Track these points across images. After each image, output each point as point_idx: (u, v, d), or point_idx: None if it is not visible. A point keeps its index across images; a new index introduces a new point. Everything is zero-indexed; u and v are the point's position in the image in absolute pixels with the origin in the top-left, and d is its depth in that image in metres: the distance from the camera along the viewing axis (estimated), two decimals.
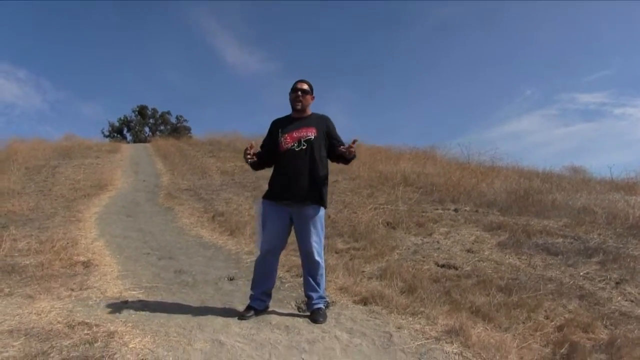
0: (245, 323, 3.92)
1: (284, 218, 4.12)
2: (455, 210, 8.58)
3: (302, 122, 4.22)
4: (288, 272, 5.84)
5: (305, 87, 4.23)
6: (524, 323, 4.25)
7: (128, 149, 22.59)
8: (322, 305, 4.20)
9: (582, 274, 5.52)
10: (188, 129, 40.25)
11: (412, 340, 3.78)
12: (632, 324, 4.26)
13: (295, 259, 6.00)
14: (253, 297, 4.18)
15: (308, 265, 4.20)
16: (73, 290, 4.79)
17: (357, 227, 7.74)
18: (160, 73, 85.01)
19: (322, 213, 4.19)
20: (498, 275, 5.48)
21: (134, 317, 3.96)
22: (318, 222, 4.14)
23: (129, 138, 38.62)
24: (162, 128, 40.92)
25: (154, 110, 41.48)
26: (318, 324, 4.01)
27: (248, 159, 4.13)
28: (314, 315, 4.12)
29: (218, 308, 4.43)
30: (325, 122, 4.30)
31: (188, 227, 8.88)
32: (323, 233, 4.23)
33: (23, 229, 7.66)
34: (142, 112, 40.89)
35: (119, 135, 38.67)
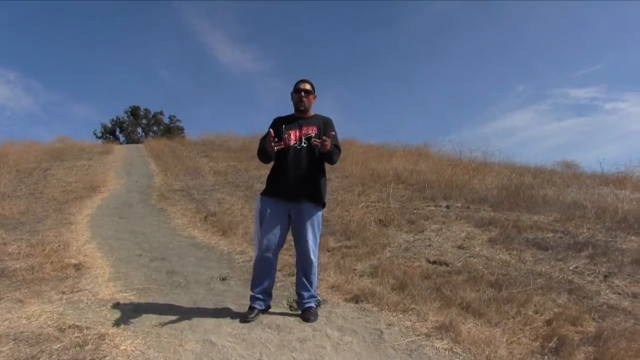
0: (237, 323, 3.93)
1: (283, 214, 4.14)
2: (447, 207, 8.61)
3: (305, 121, 4.27)
4: (280, 271, 5.83)
5: (308, 87, 4.27)
6: (514, 318, 4.27)
7: (121, 150, 22.56)
8: (313, 304, 4.22)
9: (571, 268, 5.55)
10: (181, 129, 40.25)
11: (402, 337, 3.81)
12: (619, 317, 4.30)
13: (287, 258, 6.03)
14: (253, 297, 4.14)
15: (302, 264, 4.21)
16: (64, 294, 4.77)
17: (349, 225, 7.77)
18: (153, 73, 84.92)
19: (320, 212, 4.23)
20: (489, 271, 5.51)
21: (126, 319, 3.97)
22: (315, 221, 4.17)
23: (122, 139, 38.61)
24: (155, 129, 40.90)
25: (147, 111, 41.47)
26: (309, 323, 4.03)
27: (275, 147, 4.04)
28: (305, 314, 4.14)
29: (210, 308, 4.44)
30: (326, 122, 4.33)
31: (180, 227, 8.88)
32: (319, 232, 4.25)
33: (13, 233, 7.64)
34: (134, 112, 40.83)
35: (112, 137, 38.63)
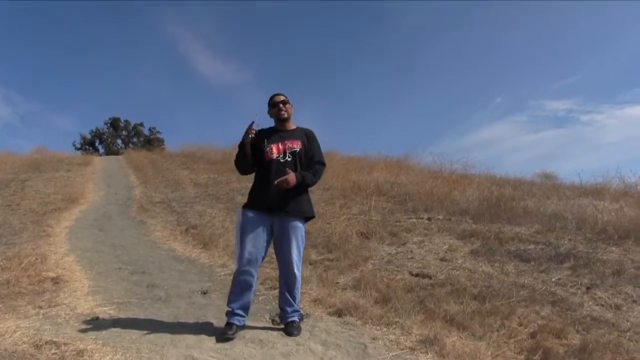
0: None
1: (266, 227, 4.08)
2: (429, 219, 8.63)
3: (287, 134, 4.25)
4: (262, 284, 5.80)
5: (283, 98, 4.27)
6: (498, 331, 4.28)
7: (100, 162, 22.36)
8: (296, 318, 4.18)
9: (554, 280, 5.58)
10: (161, 141, 40.01)
11: (387, 351, 3.79)
12: (603, 329, 4.31)
13: (269, 271, 5.98)
14: (231, 313, 4.01)
15: (286, 278, 4.15)
16: (41, 308, 4.65)
17: (330, 237, 7.74)
18: (134, 83, 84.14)
19: (303, 226, 4.19)
20: (471, 284, 5.52)
21: (105, 334, 3.88)
22: (299, 235, 4.13)
23: (102, 150, 38.25)
24: (135, 140, 40.61)
25: (127, 122, 41.17)
26: (292, 337, 3.99)
27: (250, 135, 4.10)
28: (288, 328, 4.09)
29: (191, 323, 4.37)
30: (309, 136, 4.33)
31: (161, 240, 8.78)
32: (303, 246, 4.21)
33: None
34: (114, 124, 40.53)
35: (91, 148, 38.26)
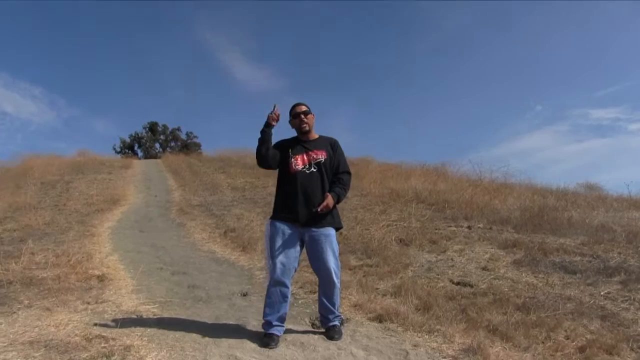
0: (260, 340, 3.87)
1: (296, 239, 4.04)
2: (469, 227, 8.53)
3: (311, 144, 4.21)
4: (302, 288, 5.81)
5: (305, 108, 4.22)
6: (544, 343, 4.17)
7: (139, 165, 22.78)
8: (337, 323, 4.16)
9: (602, 294, 5.41)
10: (198, 145, 40.42)
11: (429, 359, 3.75)
12: None
13: (308, 275, 5.97)
14: (271, 323, 3.96)
15: (325, 287, 4.11)
16: (89, 304, 4.80)
17: (369, 243, 7.71)
18: (171, 89, 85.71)
19: (334, 234, 4.15)
20: (515, 294, 5.42)
21: (150, 331, 3.94)
22: (333, 243, 4.08)
23: (140, 154, 38.84)
24: (172, 144, 41.10)
25: (165, 127, 41.72)
26: (334, 341, 3.97)
27: (273, 118, 4.04)
28: (330, 332, 4.07)
29: (232, 323, 4.41)
30: (333, 145, 4.31)
31: (200, 242, 8.88)
32: (337, 253, 4.16)
33: (40, 243, 7.69)
34: (152, 128, 41.13)
35: (130, 151, 38.88)
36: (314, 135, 4.29)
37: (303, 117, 4.18)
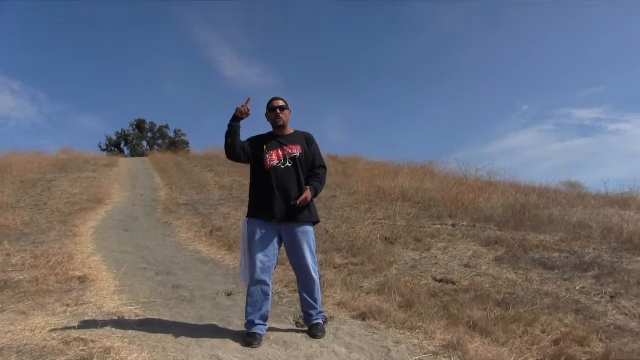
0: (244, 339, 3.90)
1: (275, 236, 4.05)
2: (453, 226, 8.60)
3: (286, 139, 4.20)
4: (286, 287, 5.84)
5: (282, 103, 4.21)
6: (521, 337, 4.26)
7: (126, 163, 22.62)
8: (320, 321, 4.18)
9: (578, 288, 5.54)
10: (186, 143, 40.28)
11: (410, 355, 3.79)
12: (626, 338, 4.27)
13: (293, 274, 5.97)
14: (253, 323, 3.97)
15: (305, 283, 4.14)
16: (69, 306, 4.76)
17: (355, 242, 7.76)
18: (159, 86, 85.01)
19: (312, 230, 4.17)
20: (495, 290, 5.50)
21: (131, 332, 3.93)
22: (310, 239, 4.10)
23: (127, 152, 38.63)
24: (160, 142, 40.91)
25: (152, 124, 41.51)
26: (317, 339, 4.01)
27: (242, 111, 4.01)
28: (313, 330, 4.10)
29: (216, 323, 4.42)
30: (309, 140, 4.30)
31: (186, 242, 8.88)
32: (315, 249, 4.18)
33: (17, 244, 7.63)
34: (140, 126, 40.91)
35: (117, 149, 38.64)
36: (289, 130, 4.28)
37: (279, 111, 4.17)
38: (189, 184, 15.89)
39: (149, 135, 41.49)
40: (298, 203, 3.99)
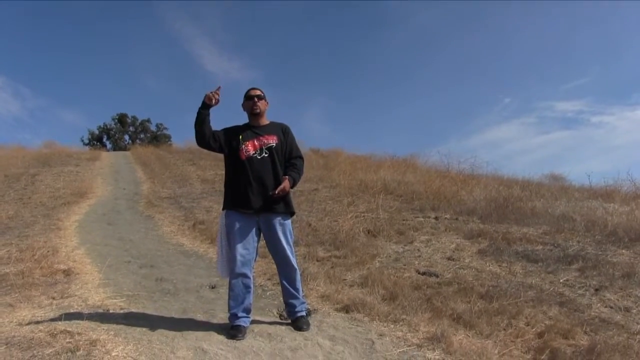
0: (228, 332, 3.90)
1: (252, 228, 4.04)
2: (436, 218, 8.65)
3: (262, 129, 4.17)
4: (269, 280, 5.84)
5: (259, 93, 4.19)
6: (505, 330, 4.30)
7: (108, 157, 22.46)
8: (304, 313, 4.19)
9: (562, 281, 5.59)
10: (168, 137, 40.01)
11: (394, 348, 3.81)
12: (611, 330, 4.31)
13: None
14: (236, 315, 3.97)
15: (285, 272, 4.14)
16: (54, 299, 4.75)
17: (338, 235, 7.77)
18: (140, 80, 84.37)
19: (290, 220, 4.17)
20: (479, 283, 5.54)
21: (116, 325, 3.91)
22: (287, 229, 4.11)
23: (109, 146, 38.32)
24: (142, 136, 40.61)
25: (134, 118, 41.19)
26: (301, 332, 4.01)
27: (210, 97, 3.99)
28: (297, 323, 4.10)
29: (200, 316, 4.42)
30: (284, 130, 4.28)
31: (169, 235, 8.84)
32: (292, 240, 4.19)
33: (2, 237, 7.60)
34: (122, 120, 40.58)
35: (99, 143, 38.31)
36: (265, 121, 4.26)
37: (256, 100, 4.15)
38: (171, 178, 15.83)
39: (131, 129, 41.17)
40: (276, 193, 3.98)
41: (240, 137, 4.11)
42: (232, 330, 3.88)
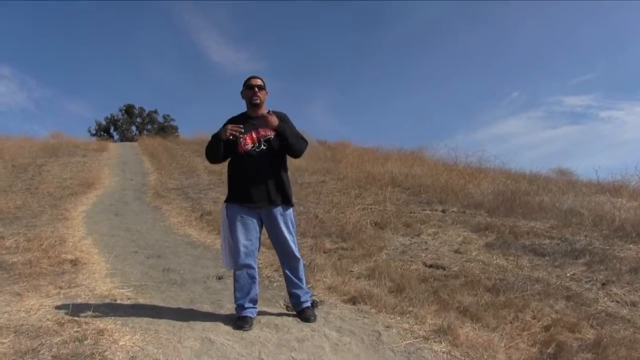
0: (235, 322, 3.91)
1: (254, 219, 4.04)
2: (443, 211, 8.63)
3: (259, 121, 4.11)
4: (276, 271, 5.84)
5: (260, 82, 4.14)
6: (512, 323, 4.29)
7: (115, 148, 22.48)
8: (309, 303, 4.20)
9: (568, 275, 5.57)
10: (175, 128, 40.10)
11: (400, 339, 3.81)
12: (617, 325, 4.30)
13: None
14: (243, 306, 3.98)
15: (288, 262, 4.15)
16: (62, 288, 4.77)
17: (345, 227, 7.76)
18: (147, 71, 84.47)
19: (290, 211, 4.15)
20: (485, 276, 5.53)
21: (123, 315, 3.94)
22: (289, 220, 4.11)
23: (116, 137, 38.42)
24: (149, 127, 40.70)
25: (141, 109, 41.27)
26: (308, 323, 4.02)
27: (232, 135, 3.95)
28: (304, 314, 4.11)
29: (207, 307, 4.44)
30: (283, 120, 4.19)
31: (176, 226, 8.85)
32: (295, 230, 4.19)
33: (10, 227, 7.61)
34: (129, 111, 40.66)
35: (106, 134, 38.43)
36: (264, 110, 4.20)
37: (257, 90, 4.11)
38: (178, 169, 15.85)
39: (138, 120, 41.26)
40: (267, 115, 4.02)
41: None
42: (239, 321, 3.89)
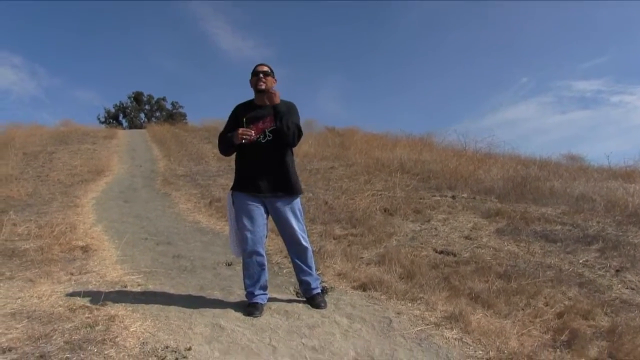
0: (245, 309, 3.91)
1: (260, 207, 4.02)
2: (453, 197, 8.58)
3: (266, 110, 4.05)
4: (286, 257, 5.79)
5: (266, 69, 4.10)
6: (524, 310, 4.25)
7: (124, 135, 22.53)
8: (319, 290, 4.20)
9: (581, 262, 5.51)
10: (183, 115, 40.20)
11: (411, 326, 3.80)
12: (633, 312, 4.24)
13: None
14: (253, 293, 3.99)
15: (295, 251, 4.14)
16: (73, 275, 4.79)
17: (354, 213, 7.74)
18: (155, 59, 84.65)
19: (298, 199, 4.13)
20: (497, 262, 5.49)
21: (134, 301, 3.97)
22: (296, 209, 4.08)
23: (125, 124, 38.55)
24: (157, 114, 40.83)
25: (150, 97, 41.39)
26: (318, 309, 4.02)
27: (242, 139, 3.93)
28: (314, 300, 4.11)
29: (217, 293, 4.44)
30: (289, 109, 4.11)
31: (185, 212, 8.86)
32: (303, 218, 4.16)
33: (22, 214, 7.66)
34: (137, 98, 40.78)
35: (115, 122, 38.58)
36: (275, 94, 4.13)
37: (262, 76, 4.05)
38: (187, 156, 15.86)
39: (147, 108, 41.39)
40: (271, 92, 4.00)
41: (245, 120, 4.05)
42: (249, 308, 3.90)
